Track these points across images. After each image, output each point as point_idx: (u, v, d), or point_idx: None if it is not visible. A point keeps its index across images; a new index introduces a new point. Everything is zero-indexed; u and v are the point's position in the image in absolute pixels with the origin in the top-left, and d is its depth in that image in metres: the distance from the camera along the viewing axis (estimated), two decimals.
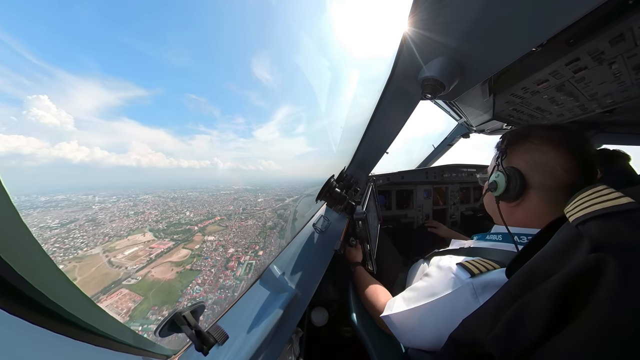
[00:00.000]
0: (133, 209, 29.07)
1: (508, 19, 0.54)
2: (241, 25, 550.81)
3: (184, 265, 17.63)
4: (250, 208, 30.74)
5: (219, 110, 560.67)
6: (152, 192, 32.89)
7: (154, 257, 18.89)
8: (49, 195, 30.37)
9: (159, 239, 22.13)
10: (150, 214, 27.30)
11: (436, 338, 0.67)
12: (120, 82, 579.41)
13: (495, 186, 0.76)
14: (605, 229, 0.35)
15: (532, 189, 0.69)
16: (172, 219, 25.82)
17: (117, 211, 28.85)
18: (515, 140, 0.75)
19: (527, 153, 0.71)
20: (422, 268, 0.99)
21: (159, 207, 29.49)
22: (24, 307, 0.37)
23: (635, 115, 1.25)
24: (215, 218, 25.52)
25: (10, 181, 0.34)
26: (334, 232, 1.41)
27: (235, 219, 26.43)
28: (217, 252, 19.14)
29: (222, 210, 29.70)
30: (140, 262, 18.36)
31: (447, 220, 2.37)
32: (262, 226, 24.57)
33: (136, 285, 14.95)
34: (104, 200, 30.57)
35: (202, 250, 19.79)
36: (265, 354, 0.76)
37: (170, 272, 17.14)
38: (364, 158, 1.69)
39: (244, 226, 24.57)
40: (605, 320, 0.30)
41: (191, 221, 25.37)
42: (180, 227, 23.63)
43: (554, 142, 0.68)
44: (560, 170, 0.65)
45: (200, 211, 29.82)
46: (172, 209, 28.97)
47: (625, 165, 0.60)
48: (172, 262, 18.28)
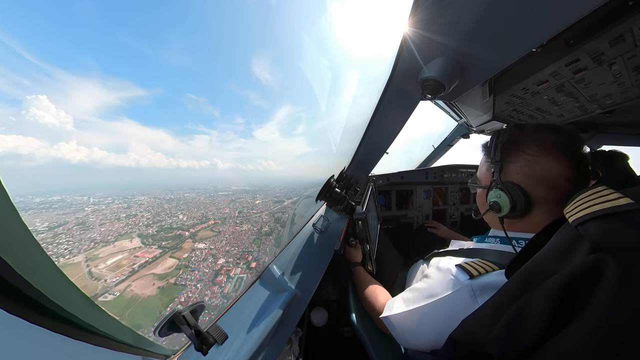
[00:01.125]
0: (126, 212, 28.20)
1: (508, 19, 0.54)
2: (241, 24, 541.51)
3: (168, 278, 15.85)
4: (246, 211, 29.67)
5: (219, 110, 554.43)
6: (148, 193, 32.15)
7: (137, 267, 17.10)
8: (44, 196, 29.87)
9: (146, 245, 20.74)
10: (142, 217, 26.30)
11: (435, 339, 0.67)
12: (120, 82, 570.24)
13: (498, 208, 0.69)
14: (605, 230, 0.35)
15: (537, 205, 0.65)
16: (164, 223, 24.62)
17: (110, 213, 27.78)
18: (510, 150, 0.69)
19: (526, 166, 0.65)
20: (422, 269, 0.99)
21: (153, 209, 28.50)
22: (23, 306, 0.37)
23: (635, 116, 1.24)
24: (208, 222, 24.25)
25: (8, 182, 0.34)
26: (333, 232, 1.41)
27: (229, 223, 24.57)
28: (206, 263, 17.50)
29: (217, 213, 28.53)
30: (122, 273, 16.92)
31: (446, 221, 2.37)
32: (258, 232, 22.84)
33: (112, 302, 13.68)
34: (98, 202, 29.87)
35: (189, 260, 17.82)
36: (265, 353, 0.76)
37: (151, 287, 15.33)
38: (364, 158, 1.69)
39: (238, 232, 22.65)
40: (605, 321, 0.30)
41: (183, 225, 24.34)
42: (171, 232, 22.42)
43: (553, 150, 0.63)
44: (563, 182, 0.62)
45: (194, 214, 28.54)
46: (166, 212, 28.05)
47: (624, 166, 0.60)
48: (155, 275, 16.39)
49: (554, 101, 1.13)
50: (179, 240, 21.03)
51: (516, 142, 0.69)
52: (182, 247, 20.11)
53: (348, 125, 1.67)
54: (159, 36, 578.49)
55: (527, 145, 0.66)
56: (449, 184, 2.37)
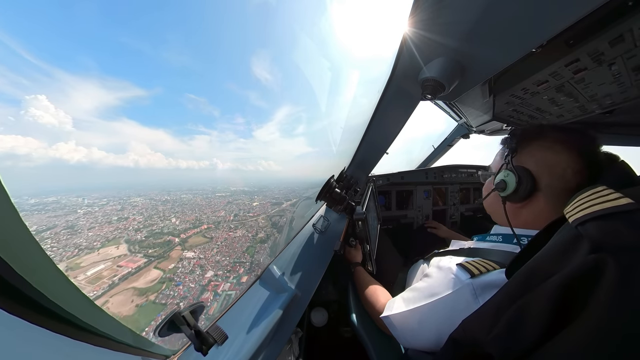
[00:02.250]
0: (118, 214, 27.28)
1: (508, 20, 0.54)
2: (241, 24, 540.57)
3: (148, 294, 14.46)
4: (242, 214, 29.00)
5: (219, 110, 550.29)
6: (145, 194, 31.28)
7: (118, 280, 15.92)
8: (40, 197, 29.14)
9: (132, 253, 19.60)
10: (134, 221, 25.21)
11: (436, 339, 0.67)
12: (120, 82, 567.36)
13: (503, 186, 0.73)
14: (605, 230, 0.35)
15: (541, 191, 0.68)
16: (155, 227, 23.79)
17: (102, 216, 26.80)
18: (527, 138, 0.73)
19: (539, 152, 0.69)
20: (422, 269, 0.99)
21: (146, 212, 27.51)
22: (23, 306, 0.36)
23: (635, 116, 1.24)
24: (201, 227, 23.55)
25: (7, 182, 0.34)
26: (333, 232, 1.41)
27: (223, 228, 23.43)
28: (193, 277, 16.20)
29: (212, 216, 27.82)
30: (100, 286, 15.64)
31: (446, 221, 2.37)
32: (252, 238, 21.37)
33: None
34: (92, 204, 28.99)
35: (175, 271, 16.63)
36: (265, 354, 0.76)
37: (129, 305, 14.05)
38: (364, 158, 1.69)
39: (231, 238, 21.15)
40: (605, 321, 0.30)
41: (175, 230, 23.59)
42: (161, 238, 21.45)
43: (567, 144, 0.66)
44: (570, 172, 0.64)
45: (188, 217, 27.57)
46: (159, 214, 27.15)
47: (624, 166, 0.60)
48: (135, 289, 15.11)
49: (553, 101, 1.13)
50: (168, 247, 19.79)
51: (535, 133, 0.73)
52: (170, 255, 18.86)
53: (348, 125, 1.68)
54: (158, 36, 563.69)
55: (545, 135, 0.71)
56: (449, 184, 2.36)
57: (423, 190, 2.28)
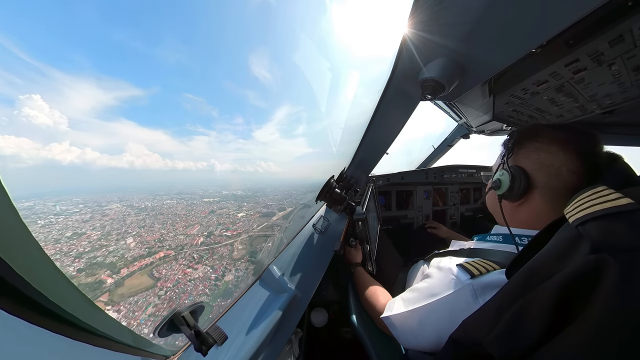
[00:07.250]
0: (77, 228, 22.45)
1: (508, 20, 0.54)
2: (241, 24, 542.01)
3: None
4: (219, 232, 22.13)
5: (217, 111, 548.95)
6: (127, 200, 27.32)
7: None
8: (19, 201, 27.37)
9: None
10: (87, 239, 20.25)
11: (436, 339, 0.67)
12: (116, 82, 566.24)
13: (498, 184, 0.75)
14: (605, 230, 0.35)
15: (536, 189, 0.68)
16: (100, 254, 18.00)
17: (56, 231, 21.33)
18: (523, 138, 0.74)
19: (534, 152, 0.70)
20: (422, 269, 0.99)
21: (110, 225, 22.88)
22: (22, 306, 0.36)
23: (635, 116, 1.25)
24: (157, 254, 17.30)
25: (6, 183, 0.33)
26: (333, 232, 1.41)
27: (184, 257, 17.38)
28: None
29: (180, 234, 21.52)
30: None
31: (447, 221, 2.36)
32: (213, 283, 13.85)
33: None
34: (62, 212, 24.93)
35: None
36: (265, 354, 0.76)
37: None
38: (364, 159, 1.69)
39: (185, 281, 13.69)
40: (605, 321, 0.30)
41: (120, 260, 17.29)
42: (93, 276, 15.78)
43: (562, 143, 0.66)
44: (566, 171, 0.64)
45: (150, 236, 21.32)
46: (121, 230, 21.89)
47: (624, 166, 0.60)
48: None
49: (553, 101, 1.13)
50: (92, 294, 13.75)
51: (531, 133, 0.74)
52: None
53: (348, 126, 1.68)
54: (156, 34, 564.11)
55: (540, 135, 0.71)
56: (449, 185, 2.36)
57: (423, 190, 2.28)
